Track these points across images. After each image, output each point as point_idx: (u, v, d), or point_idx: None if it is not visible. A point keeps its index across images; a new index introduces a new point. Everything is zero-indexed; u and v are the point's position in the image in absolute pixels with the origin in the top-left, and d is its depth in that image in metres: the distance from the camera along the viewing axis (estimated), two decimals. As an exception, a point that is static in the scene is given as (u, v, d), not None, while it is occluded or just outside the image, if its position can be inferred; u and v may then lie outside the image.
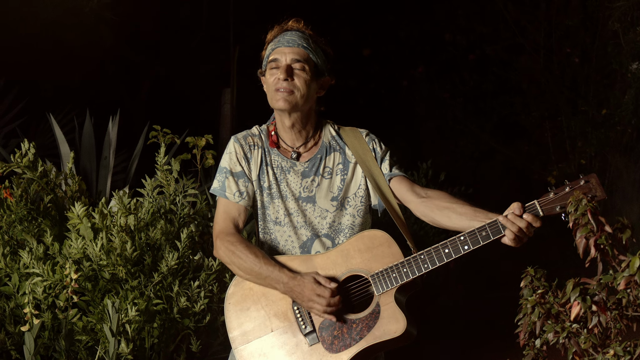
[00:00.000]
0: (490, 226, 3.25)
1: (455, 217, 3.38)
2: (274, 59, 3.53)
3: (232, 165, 3.56)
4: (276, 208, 3.56)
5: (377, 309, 3.34)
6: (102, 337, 4.42)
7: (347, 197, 3.58)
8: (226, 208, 3.55)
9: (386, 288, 3.34)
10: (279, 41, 3.54)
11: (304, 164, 3.59)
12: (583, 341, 2.94)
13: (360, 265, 3.40)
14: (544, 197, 3.24)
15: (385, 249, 3.39)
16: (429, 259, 3.31)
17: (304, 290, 3.33)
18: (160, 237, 4.83)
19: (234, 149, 3.58)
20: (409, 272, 3.33)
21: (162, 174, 5.08)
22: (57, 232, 4.87)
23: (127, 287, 4.64)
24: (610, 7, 9.98)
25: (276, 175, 3.57)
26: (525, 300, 3.11)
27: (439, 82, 12.60)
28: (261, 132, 3.65)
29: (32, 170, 4.96)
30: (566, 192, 3.20)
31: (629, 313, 2.96)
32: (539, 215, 3.23)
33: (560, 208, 3.21)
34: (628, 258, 2.85)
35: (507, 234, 3.22)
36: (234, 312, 3.49)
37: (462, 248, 3.27)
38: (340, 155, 3.61)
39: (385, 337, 3.30)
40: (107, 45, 10.56)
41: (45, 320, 4.49)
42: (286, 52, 3.51)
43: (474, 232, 3.27)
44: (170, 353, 4.76)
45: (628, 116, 9.89)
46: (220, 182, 3.57)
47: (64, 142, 6.66)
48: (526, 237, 3.24)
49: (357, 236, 3.45)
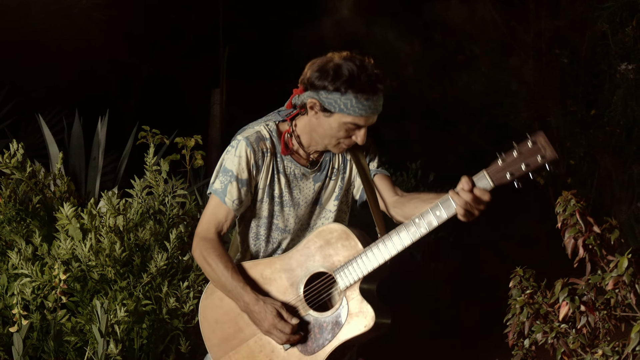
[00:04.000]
0: (442, 203, 3.11)
1: (420, 204, 3.28)
2: (358, 125, 3.31)
3: (239, 171, 3.41)
4: (286, 216, 3.50)
5: (344, 304, 3.33)
6: (91, 338, 4.41)
7: (345, 195, 3.59)
8: (216, 210, 3.46)
9: (350, 282, 3.30)
10: (369, 106, 3.28)
11: (316, 168, 3.52)
12: (572, 341, 2.95)
13: (322, 262, 3.37)
14: (492, 166, 3.01)
15: (343, 242, 3.35)
16: (388, 245, 3.24)
17: (264, 320, 3.32)
18: (149, 237, 4.82)
19: (246, 153, 3.41)
20: (369, 262, 3.27)
21: (151, 175, 5.07)
22: (46, 232, 4.86)
23: (116, 287, 4.64)
24: (599, 8, 10.01)
25: (289, 183, 3.49)
26: (514, 301, 3.12)
27: (428, 82, 12.61)
28: (271, 133, 3.48)
29: (21, 171, 4.95)
30: (515, 158, 2.95)
31: (617, 313, 2.97)
32: (488, 187, 3.02)
33: (510, 175, 2.96)
34: (616, 258, 2.86)
35: (458, 210, 3.05)
36: (208, 325, 3.50)
37: (419, 230, 3.16)
38: (341, 155, 3.58)
39: (355, 332, 3.29)
40: (96, 46, 10.55)
41: (33, 321, 4.49)
42: (369, 120, 3.32)
43: (428, 211, 3.15)
44: (159, 354, 4.75)
45: (617, 117, 9.92)
46: (223, 185, 3.43)
47: (52, 143, 6.64)
48: (477, 210, 3.05)
49: (315, 232, 3.40)
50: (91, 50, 10.49)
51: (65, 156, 6.59)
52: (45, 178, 5.15)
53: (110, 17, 10.14)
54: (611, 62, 10.03)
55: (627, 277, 2.81)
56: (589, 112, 10.69)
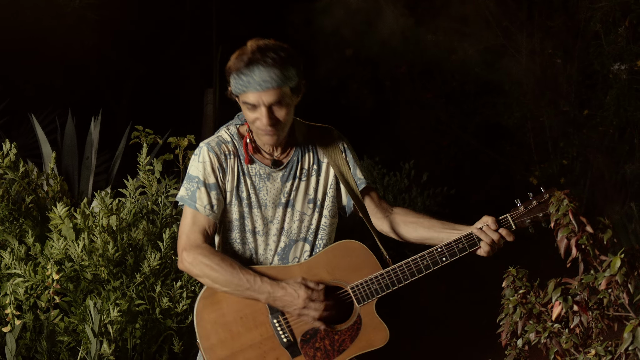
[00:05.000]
0: (466, 238, 3.38)
1: (422, 230, 3.50)
2: (250, 104, 3.26)
3: (205, 176, 3.36)
4: (255, 218, 3.44)
5: (358, 320, 3.34)
6: (84, 338, 4.40)
7: (322, 198, 3.52)
8: (195, 219, 3.34)
9: (367, 300, 3.34)
10: (249, 83, 3.22)
11: (282, 169, 3.47)
12: (564, 341, 2.95)
13: (337, 277, 3.37)
14: (514, 211, 3.43)
15: (362, 259, 3.38)
16: (409, 271, 3.36)
17: (296, 298, 3.25)
18: (142, 237, 4.82)
19: (209, 158, 3.37)
20: (389, 284, 3.35)
21: (144, 175, 5.07)
22: (39, 232, 4.85)
23: (109, 287, 4.63)
24: (591, 8, 10.04)
25: (254, 184, 3.43)
26: (507, 300, 3.12)
27: (422, 82, 12.62)
28: (233, 137, 3.46)
29: (14, 171, 4.94)
30: (534, 206, 3.41)
31: (610, 313, 2.98)
32: (512, 229, 3.42)
33: (530, 222, 3.41)
34: (609, 258, 2.86)
35: (482, 246, 3.39)
36: (206, 326, 3.34)
37: (440, 260, 3.38)
38: (313, 156, 3.53)
39: (369, 348, 3.33)
40: (89, 46, 10.54)
41: (26, 321, 4.48)
42: (262, 96, 3.23)
43: (451, 245, 3.37)
44: (153, 353, 4.74)
45: (610, 117, 9.95)
46: (190, 192, 3.36)
47: (45, 143, 6.63)
48: (497, 248, 3.41)
49: (333, 246, 3.41)
50: (84, 50, 10.49)
51: (58, 156, 6.58)
52: (38, 178, 5.15)
53: (103, 17, 10.13)
54: (604, 62, 10.05)
55: (619, 277, 2.81)
56: (582, 112, 10.72)
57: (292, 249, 3.46)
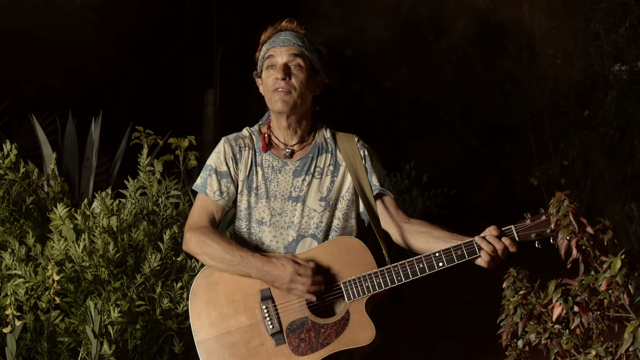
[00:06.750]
0: (466, 245, 3.33)
1: (432, 240, 3.45)
2: (270, 58, 3.54)
3: (217, 164, 3.56)
4: (262, 208, 3.53)
5: (346, 315, 3.34)
6: (85, 339, 4.40)
7: (336, 199, 3.57)
8: (203, 204, 3.55)
9: (358, 296, 3.34)
10: (274, 41, 3.55)
11: (295, 162, 3.57)
12: (565, 342, 2.95)
13: (332, 271, 3.40)
14: (520, 223, 3.34)
15: (359, 257, 3.39)
16: (403, 272, 3.35)
17: (283, 272, 3.32)
18: (142, 238, 4.82)
19: (223, 149, 3.58)
20: (382, 282, 3.35)
21: (145, 175, 5.07)
22: (40, 233, 4.85)
23: (110, 288, 4.63)
24: (592, 9, 10.04)
25: (266, 176, 3.55)
26: (507, 301, 3.12)
27: (422, 83, 12.62)
28: (252, 133, 3.65)
29: (14, 172, 4.94)
30: (542, 220, 3.29)
31: (611, 314, 2.98)
32: (515, 241, 3.32)
33: (535, 235, 3.30)
34: (609, 259, 2.86)
35: (483, 255, 3.30)
36: (199, 305, 3.44)
37: (437, 264, 3.33)
38: (331, 157, 3.61)
39: (353, 345, 3.31)
40: (89, 46, 10.54)
41: (27, 321, 4.48)
42: (282, 51, 3.52)
43: (450, 250, 3.34)
44: (153, 354, 4.74)
45: (610, 117, 9.95)
46: (203, 179, 3.56)
47: (46, 143, 6.63)
48: (499, 259, 3.33)
49: (332, 241, 3.45)
50: (84, 50, 10.49)
51: (58, 157, 6.58)
52: (38, 178, 5.15)
53: (104, 18, 10.13)
54: (604, 63, 10.05)
55: (620, 278, 2.81)
56: (583, 113, 10.72)
57: (300, 244, 3.51)
